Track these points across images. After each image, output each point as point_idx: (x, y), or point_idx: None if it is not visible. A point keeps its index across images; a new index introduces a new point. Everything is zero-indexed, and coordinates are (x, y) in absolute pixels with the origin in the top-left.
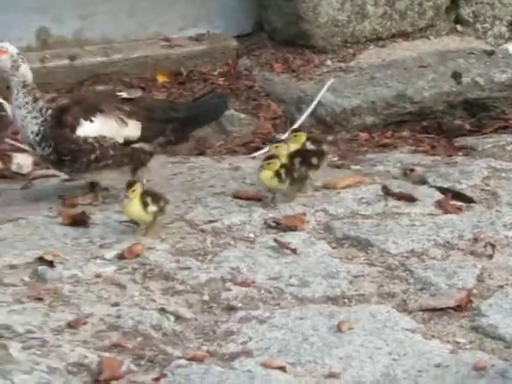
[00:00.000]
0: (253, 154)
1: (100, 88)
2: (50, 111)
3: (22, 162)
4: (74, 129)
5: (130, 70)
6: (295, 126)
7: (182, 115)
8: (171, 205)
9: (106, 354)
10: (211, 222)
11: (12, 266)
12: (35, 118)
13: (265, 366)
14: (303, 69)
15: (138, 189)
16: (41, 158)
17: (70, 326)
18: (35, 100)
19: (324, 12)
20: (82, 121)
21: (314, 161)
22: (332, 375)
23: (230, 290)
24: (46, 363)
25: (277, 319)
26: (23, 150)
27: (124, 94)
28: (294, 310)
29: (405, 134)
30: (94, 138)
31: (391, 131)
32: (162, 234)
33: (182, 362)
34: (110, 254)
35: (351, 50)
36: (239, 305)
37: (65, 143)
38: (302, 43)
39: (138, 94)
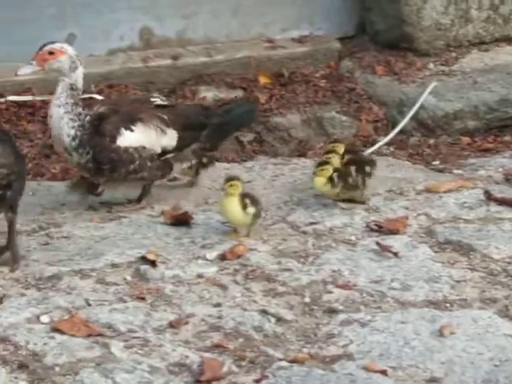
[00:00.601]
0: None
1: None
2: (88, 117)
3: None
4: (114, 138)
5: (232, 70)
6: (397, 129)
7: (215, 121)
8: (273, 206)
9: (208, 355)
10: (313, 223)
11: (114, 265)
12: (72, 120)
13: (366, 369)
14: (405, 72)
15: (238, 186)
16: (77, 164)
17: (172, 325)
18: (76, 104)
19: (428, 15)
20: (123, 130)
21: (368, 169)
22: (433, 380)
23: (331, 292)
24: (148, 363)
25: (378, 323)
26: None
27: (158, 100)
28: (395, 313)
29: (507, 138)
30: (135, 148)
31: (493, 136)
32: (263, 236)
33: (283, 363)
34: (211, 254)
35: (454, 54)
36: (340, 307)
37: (105, 152)
38: (405, 46)
39: (238, 94)
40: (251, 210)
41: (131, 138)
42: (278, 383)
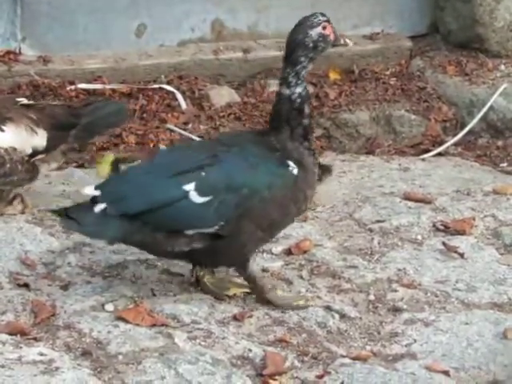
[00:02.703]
0: (422, 156)
1: None
2: None
3: None
4: None
5: None
6: (466, 130)
7: (84, 121)
8: (340, 202)
9: (271, 349)
10: (379, 221)
11: None
12: None
13: (428, 369)
14: (476, 72)
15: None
16: None
17: (236, 318)
18: None
19: (500, 16)
20: None
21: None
22: (496, 382)
23: (395, 291)
24: (211, 354)
25: (442, 323)
26: (192, 140)
27: (24, 100)
28: (459, 314)
29: None
30: (5, 149)
31: None
32: (330, 232)
33: (346, 360)
34: (277, 249)
35: None
36: (405, 306)
37: None
38: (477, 47)
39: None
40: None
41: (2, 138)
42: (340, 380)
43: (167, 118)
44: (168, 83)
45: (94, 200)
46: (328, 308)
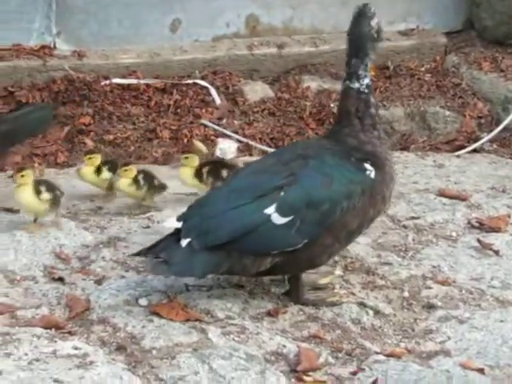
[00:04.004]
0: (457, 153)
1: None
2: None
3: (227, 147)
4: None
5: (337, 61)
6: (501, 126)
7: (4, 128)
8: None
9: (304, 345)
10: (414, 218)
11: None
12: None
13: (463, 366)
14: None
15: (29, 175)
16: None
17: (270, 314)
18: None
19: None
20: None
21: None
22: None
23: (430, 288)
24: (245, 350)
25: (477, 320)
26: (227, 136)
27: None
28: (494, 312)
29: None
30: None
31: None
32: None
33: (380, 357)
34: None
35: None
36: (439, 303)
37: None
38: None
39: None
40: (46, 195)
41: None
42: (374, 377)
43: (201, 113)
44: (202, 78)
45: (177, 232)
46: (362, 304)
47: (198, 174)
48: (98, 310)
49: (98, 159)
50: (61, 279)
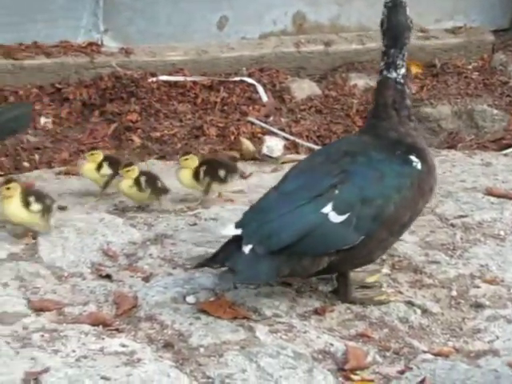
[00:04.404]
0: (504, 151)
1: None
2: None
3: (273, 145)
4: None
5: None
6: None
7: None
8: None
9: (352, 344)
10: (461, 217)
11: None
12: None
13: (511, 366)
14: None
15: (16, 188)
16: None
17: (317, 312)
18: None
19: None
20: None
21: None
22: None
23: (478, 287)
24: (292, 348)
25: None
26: (274, 133)
27: None
28: None
29: None
30: None
31: None
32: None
33: (428, 356)
34: None
35: None
36: (487, 303)
37: None
38: None
39: None
40: (36, 206)
41: None
42: (422, 376)
43: (248, 110)
44: (249, 76)
45: (236, 239)
46: (410, 303)
47: (196, 174)
48: (145, 308)
49: (99, 156)
50: (108, 276)
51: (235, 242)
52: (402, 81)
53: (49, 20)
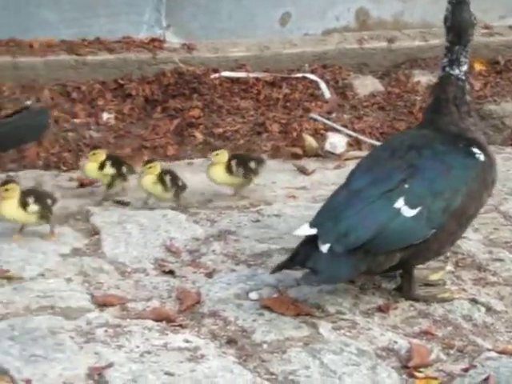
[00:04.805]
0: None
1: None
2: None
3: (336, 141)
4: None
5: None
6: None
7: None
8: None
9: (416, 341)
10: None
11: None
12: None
13: None
14: None
15: (15, 189)
16: None
17: (380, 309)
18: None
19: None
20: None
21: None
22: None
23: None
24: (356, 345)
25: None
26: (337, 130)
27: None
28: None
29: None
30: None
31: None
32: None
33: (492, 354)
34: None
35: None
36: None
37: None
38: None
39: None
40: (34, 207)
41: None
42: (486, 374)
43: (311, 106)
44: (312, 72)
45: (311, 239)
46: (474, 301)
47: (228, 168)
48: (208, 304)
49: (102, 155)
50: (171, 272)
51: (311, 242)
52: (463, 77)
53: (111, 15)
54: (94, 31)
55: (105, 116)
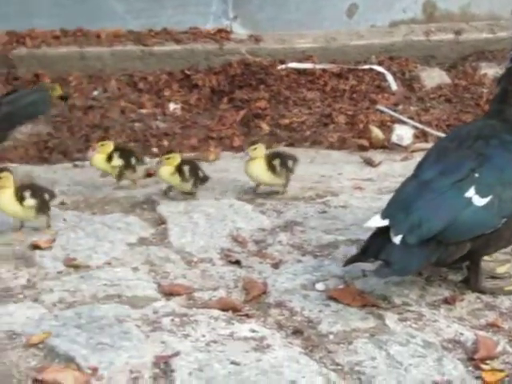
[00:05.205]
0: None
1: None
2: None
3: (403, 133)
4: None
5: None
6: None
7: (5, 110)
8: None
9: (482, 333)
10: None
11: None
12: None
13: None
14: None
15: (8, 178)
16: None
17: (447, 301)
18: None
19: None
20: None
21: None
22: None
23: None
24: (422, 337)
25: None
26: (403, 122)
27: None
28: None
29: None
30: None
31: None
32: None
33: None
34: None
35: None
36: None
37: None
38: None
39: None
40: (30, 202)
41: None
42: None
43: (377, 98)
44: (378, 64)
45: (381, 231)
46: None
47: (270, 166)
48: (274, 294)
49: (110, 146)
50: (238, 262)
51: (381, 235)
52: None
53: (179, 6)
54: (162, 22)
55: (171, 106)
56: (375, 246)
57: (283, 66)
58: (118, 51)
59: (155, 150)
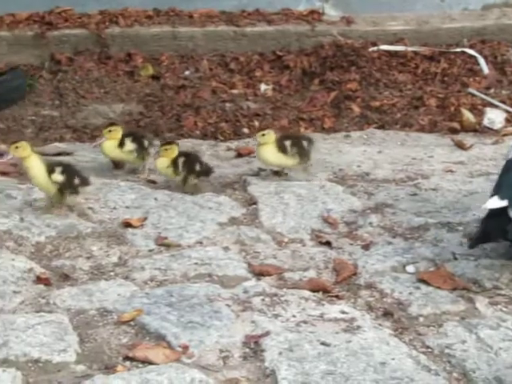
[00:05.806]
0: None
1: None
2: None
3: (494, 117)
4: None
5: None
6: None
7: None
8: None
9: None
10: None
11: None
12: None
13: None
14: None
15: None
16: None
17: None
18: None
19: None
20: None
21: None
22: None
23: None
24: None
25: None
26: (495, 106)
27: None
28: None
29: None
30: None
31: None
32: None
33: None
34: None
35: None
36: None
37: None
38: None
39: None
40: (58, 177)
41: None
42: None
43: (469, 82)
44: (470, 47)
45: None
46: None
47: (281, 147)
48: (365, 275)
49: (119, 132)
50: (328, 243)
51: (497, 216)
52: None
53: None
54: (254, 3)
55: (262, 87)
56: (498, 227)
57: (375, 48)
58: (210, 31)
59: (246, 130)
